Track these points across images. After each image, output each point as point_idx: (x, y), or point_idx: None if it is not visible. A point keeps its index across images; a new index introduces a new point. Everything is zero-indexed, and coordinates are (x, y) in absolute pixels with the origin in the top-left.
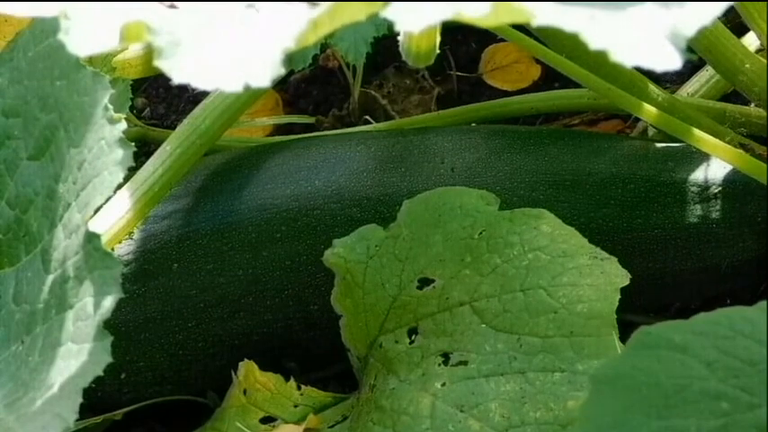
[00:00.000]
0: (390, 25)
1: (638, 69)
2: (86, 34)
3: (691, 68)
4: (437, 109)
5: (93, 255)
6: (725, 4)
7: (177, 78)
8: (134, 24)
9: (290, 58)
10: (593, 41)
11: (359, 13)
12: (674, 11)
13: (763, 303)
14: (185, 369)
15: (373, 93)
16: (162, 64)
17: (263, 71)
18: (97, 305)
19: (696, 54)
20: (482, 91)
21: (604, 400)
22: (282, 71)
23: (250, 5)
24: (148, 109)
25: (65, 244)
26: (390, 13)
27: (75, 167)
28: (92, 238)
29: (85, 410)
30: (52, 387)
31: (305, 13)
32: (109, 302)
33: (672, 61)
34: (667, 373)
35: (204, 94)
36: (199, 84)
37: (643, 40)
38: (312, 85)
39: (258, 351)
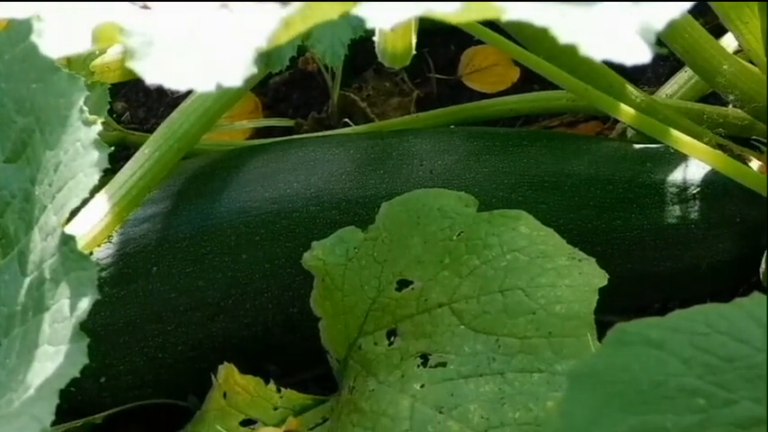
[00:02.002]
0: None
1: (615, 69)
2: (59, 36)
3: (669, 70)
4: (416, 111)
5: (68, 257)
6: None
7: (149, 79)
8: (107, 26)
9: (267, 60)
10: (563, 36)
11: (330, 11)
12: (644, 5)
13: (739, 300)
14: (165, 372)
15: (352, 96)
16: (135, 65)
17: (236, 71)
18: (73, 307)
19: (667, 49)
20: (461, 93)
21: (581, 397)
22: (255, 70)
23: (223, 5)
24: (128, 113)
25: (41, 246)
26: (362, 10)
27: (52, 170)
28: (67, 240)
29: (65, 414)
30: (29, 389)
31: (277, 12)
32: (85, 304)
33: (641, 55)
34: (644, 369)
35: (184, 97)
36: (171, 84)
37: (612, 35)
38: (292, 89)
39: (238, 354)
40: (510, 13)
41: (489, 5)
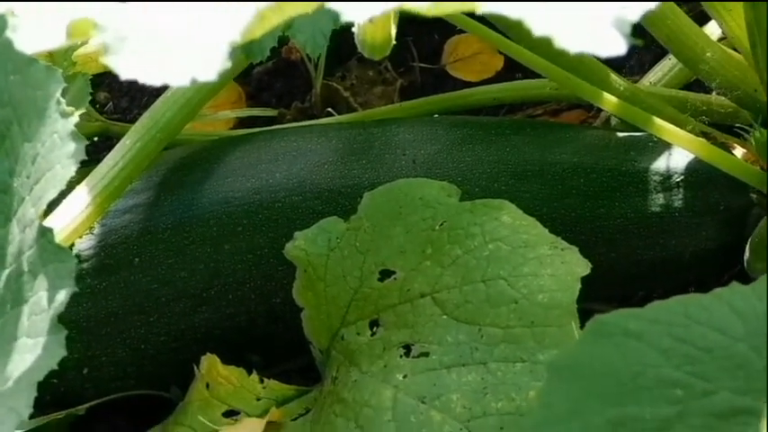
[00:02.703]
0: None
1: (598, 57)
2: (34, 32)
3: (653, 58)
4: (400, 100)
5: (46, 249)
6: None
7: (124, 74)
8: (81, 21)
9: (247, 51)
10: (537, 27)
11: (305, 5)
12: None
13: (718, 290)
14: (148, 364)
15: (336, 85)
16: (109, 60)
17: (210, 65)
18: (51, 299)
19: (647, 38)
20: (445, 82)
21: (561, 388)
22: (229, 65)
23: None
24: (111, 103)
25: (19, 238)
26: (336, 4)
27: (29, 162)
28: (45, 232)
29: (48, 406)
30: (7, 381)
31: (252, 5)
32: (63, 296)
33: (616, 47)
34: (622, 360)
35: (167, 87)
36: (146, 79)
37: (587, 26)
38: (275, 78)
39: (221, 345)
40: (484, 6)
41: None
